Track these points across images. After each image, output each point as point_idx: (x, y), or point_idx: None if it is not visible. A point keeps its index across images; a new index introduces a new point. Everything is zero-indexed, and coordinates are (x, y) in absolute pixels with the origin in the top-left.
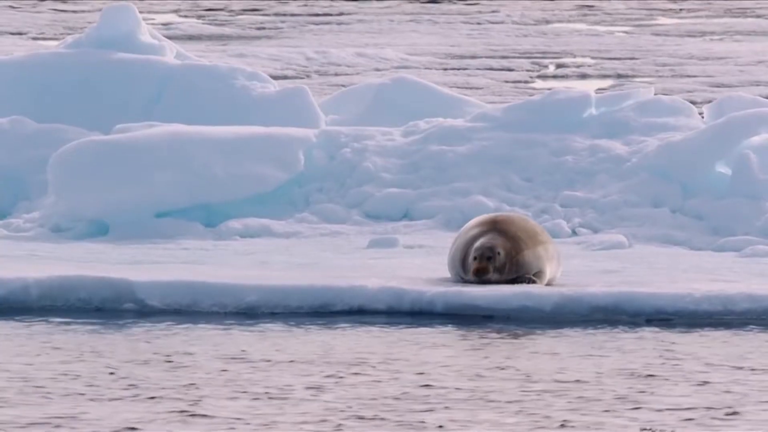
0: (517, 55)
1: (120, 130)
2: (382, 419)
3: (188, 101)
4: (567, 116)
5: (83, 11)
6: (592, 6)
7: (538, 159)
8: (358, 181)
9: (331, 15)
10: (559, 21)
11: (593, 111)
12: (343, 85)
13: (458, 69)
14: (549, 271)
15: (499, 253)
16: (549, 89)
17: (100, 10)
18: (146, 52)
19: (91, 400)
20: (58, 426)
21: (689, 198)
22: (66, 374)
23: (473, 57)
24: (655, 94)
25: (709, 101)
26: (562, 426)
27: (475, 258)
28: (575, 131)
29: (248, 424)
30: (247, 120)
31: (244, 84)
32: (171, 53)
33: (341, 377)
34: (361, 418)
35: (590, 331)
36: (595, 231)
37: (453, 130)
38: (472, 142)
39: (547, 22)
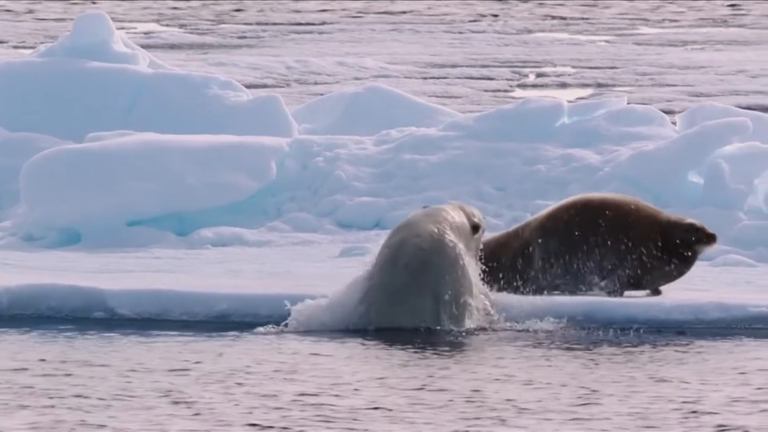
0: (498, 64)
1: (93, 139)
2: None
3: (161, 110)
4: (539, 125)
5: (65, 20)
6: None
7: (511, 168)
8: (330, 190)
9: (313, 24)
10: (541, 30)
11: (566, 120)
12: (322, 94)
13: (438, 78)
14: None
15: None
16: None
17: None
18: (120, 61)
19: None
20: None
21: (661, 207)
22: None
23: (453, 66)
24: (629, 103)
25: None
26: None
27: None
28: (548, 140)
29: None
30: (221, 129)
31: (218, 93)
32: (144, 62)
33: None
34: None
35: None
36: None
37: (425, 139)
38: (444, 151)
39: (529, 31)
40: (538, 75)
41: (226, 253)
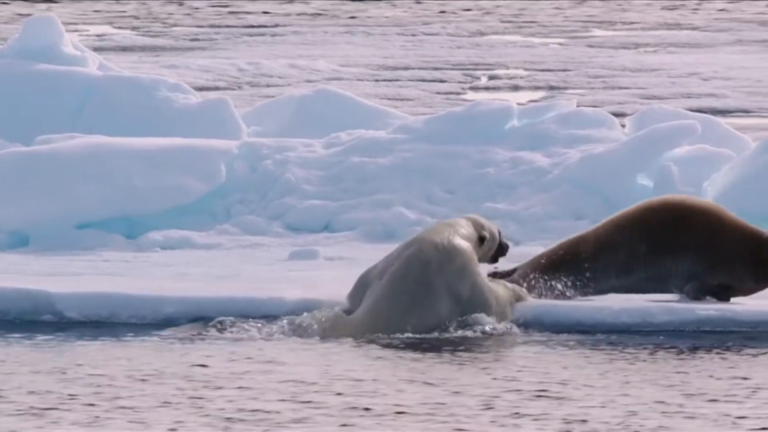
0: (450, 66)
1: (41, 142)
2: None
3: (110, 113)
4: (489, 128)
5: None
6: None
7: (460, 171)
8: (280, 193)
9: (266, 27)
10: (494, 33)
11: (515, 123)
12: (273, 97)
13: (390, 80)
14: None
15: None
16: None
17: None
18: (69, 64)
19: None
20: None
21: (611, 210)
22: None
23: (405, 68)
24: (578, 106)
25: None
26: None
27: None
28: (497, 143)
29: None
30: (170, 131)
31: (167, 95)
32: (94, 64)
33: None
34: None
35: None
36: (517, 243)
37: (374, 142)
38: (393, 154)
39: (482, 34)
40: (491, 77)
41: (175, 255)
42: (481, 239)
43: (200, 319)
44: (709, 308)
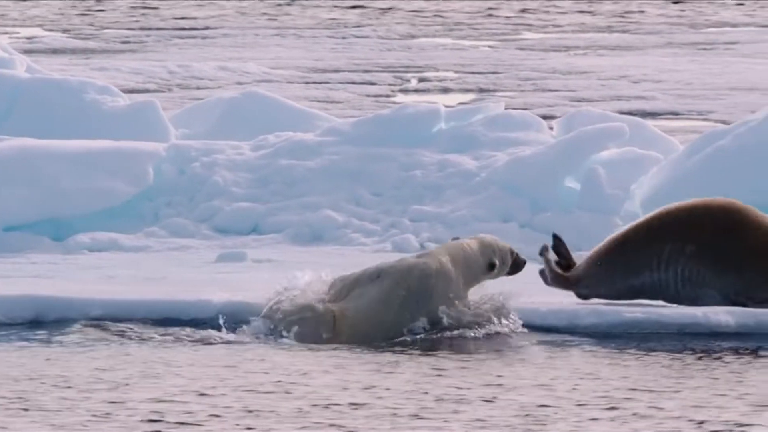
0: (380, 69)
1: None
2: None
3: (38, 115)
4: (416, 130)
5: None
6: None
7: (387, 173)
8: (207, 196)
9: (196, 29)
10: (425, 36)
11: (443, 125)
12: (203, 99)
13: (320, 83)
14: None
15: None
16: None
17: None
18: None
19: None
20: None
21: (538, 213)
22: None
23: (336, 71)
24: (506, 108)
25: None
26: None
27: None
28: (424, 146)
29: None
30: (97, 134)
31: (95, 98)
32: (22, 67)
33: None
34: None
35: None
36: None
37: (302, 145)
38: (321, 157)
39: (413, 36)
40: (421, 80)
41: (103, 258)
42: (491, 266)
43: (127, 320)
44: (635, 311)
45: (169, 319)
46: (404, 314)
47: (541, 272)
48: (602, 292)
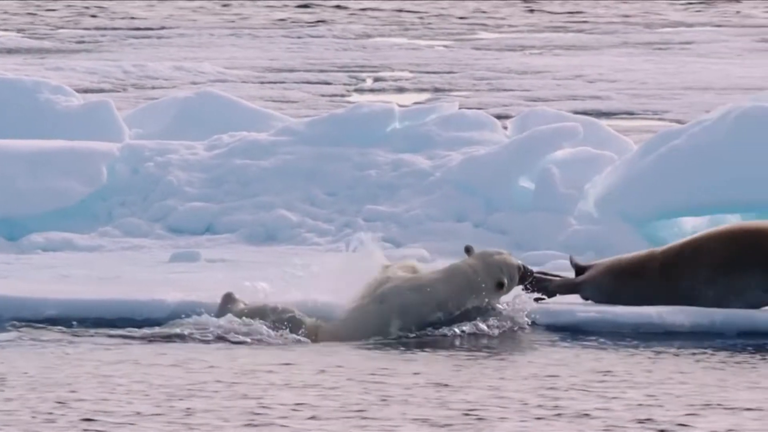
0: (336, 68)
1: None
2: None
3: None
4: (370, 130)
5: None
6: (413, 22)
7: (342, 173)
8: (161, 195)
9: (151, 29)
10: (380, 35)
11: (397, 125)
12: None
13: (275, 82)
14: None
15: None
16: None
17: None
18: None
19: None
20: None
21: (492, 212)
22: None
23: (291, 71)
24: (461, 108)
25: None
26: None
27: None
28: (379, 145)
29: None
30: (51, 133)
31: (48, 97)
32: None
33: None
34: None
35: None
36: (398, 245)
37: (256, 144)
38: (275, 156)
39: (368, 36)
40: (376, 79)
41: (57, 257)
42: (500, 285)
43: (81, 320)
44: (589, 311)
45: (122, 319)
46: (392, 334)
47: (539, 281)
48: (604, 301)
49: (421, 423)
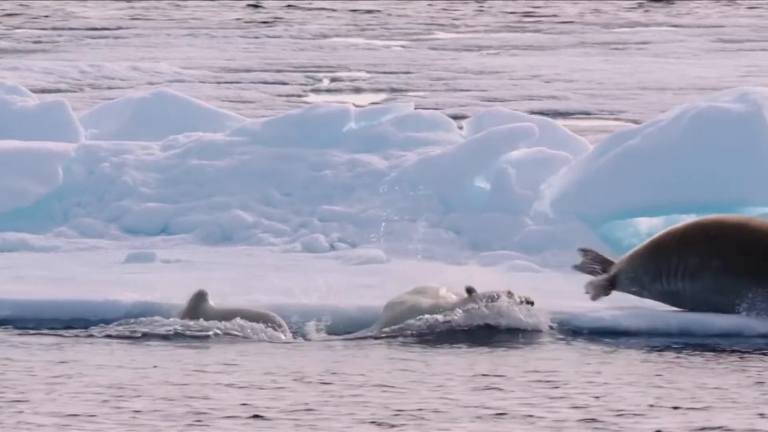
0: (292, 69)
1: None
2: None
3: None
4: (326, 130)
5: None
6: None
7: (297, 173)
8: (117, 196)
9: (108, 29)
10: (337, 35)
11: (353, 125)
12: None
13: (232, 83)
14: None
15: None
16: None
17: None
18: None
19: None
20: None
21: (448, 212)
22: None
23: (248, 71)
24: (416, 108)
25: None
26: None
27: None
28: (334, 145)
29: None
30: (7, 134)
31: (3, 98)
32: None
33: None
34: None
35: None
36: (354, 245)
37: (212, 145)
38: (231, 157)
39: (325, 36)
40: (333, 80)
41: (12, 258)
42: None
43: (36, 320)
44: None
45: (78, 320)
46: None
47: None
48: (634, 292)
49: (369, 424)
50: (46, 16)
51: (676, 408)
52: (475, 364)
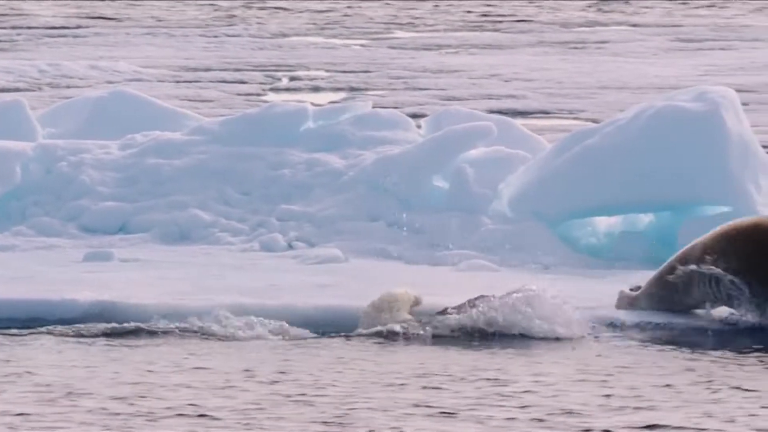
0: (251, 68)
1: None
2: None
3: None
4: (284, 129)
5: None
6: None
7: (255, 172)
8: (75, 195)
9: (67, 28)
10: (296, 34)
11: (311, 124)
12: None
13: (191, 81)
14: None
15: None
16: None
17: None
18: None
19: None
20: None
21: (406, 211)
22: None
23: (207, 70)
24: (374, 107)
25: None
26: None
27: None
28: (292, 144)
29: None
30: None
31: None
32: None
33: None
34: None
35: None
36: (312, 245)
37: (170, 144)
38: (189, 156)
39: (284, 35)
40: (292, 79)
41: None
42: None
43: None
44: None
45: (35, 319)
46: None
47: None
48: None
49: (319, 423)
50: (4, 15)
51: (623, 408)
52: (425, 363)
